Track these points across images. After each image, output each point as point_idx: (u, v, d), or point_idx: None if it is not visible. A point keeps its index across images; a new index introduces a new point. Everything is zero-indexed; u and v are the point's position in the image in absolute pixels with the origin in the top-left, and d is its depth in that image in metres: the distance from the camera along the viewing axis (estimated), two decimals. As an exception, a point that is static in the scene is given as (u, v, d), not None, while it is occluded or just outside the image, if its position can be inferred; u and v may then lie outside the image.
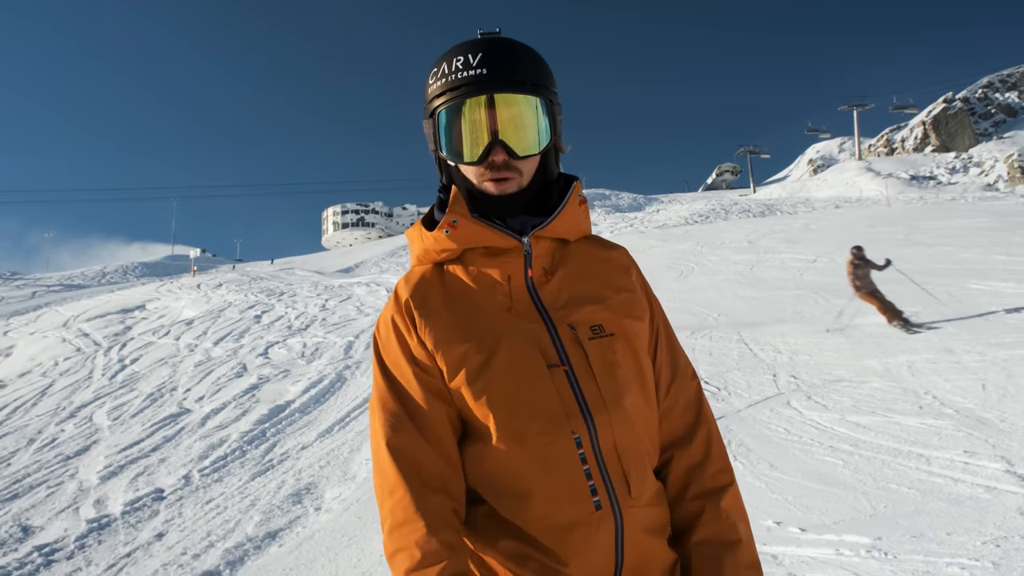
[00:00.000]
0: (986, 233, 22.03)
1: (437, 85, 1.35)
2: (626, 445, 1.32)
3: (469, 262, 1.40)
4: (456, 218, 1.36)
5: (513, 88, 1.31)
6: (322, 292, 22.75)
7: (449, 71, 1.33)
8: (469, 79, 1.30)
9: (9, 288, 39.03)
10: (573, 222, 1.43)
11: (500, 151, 1.32)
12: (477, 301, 1.37)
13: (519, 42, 1.38)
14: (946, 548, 3.99)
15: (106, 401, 10.36)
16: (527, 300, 1.36)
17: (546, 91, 1.36)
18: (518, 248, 1.37)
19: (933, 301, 12.10)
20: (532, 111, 1.34)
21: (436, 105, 1.35)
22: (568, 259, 1.43)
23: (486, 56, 1.31)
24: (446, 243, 1.38)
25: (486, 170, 1.35)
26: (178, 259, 65.61)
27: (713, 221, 43.81)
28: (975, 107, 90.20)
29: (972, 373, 7.85)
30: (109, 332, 17.13)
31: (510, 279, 1.37)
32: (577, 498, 1.28)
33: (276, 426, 8.39)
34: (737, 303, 14.85)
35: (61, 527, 5.82)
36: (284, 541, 5.26)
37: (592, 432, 1.29)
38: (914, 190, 61.56)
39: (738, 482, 1.50)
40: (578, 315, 1.36)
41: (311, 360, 12.35)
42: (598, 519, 1.28)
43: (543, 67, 1.38)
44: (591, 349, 1.34)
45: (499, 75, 1.30)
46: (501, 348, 1.32)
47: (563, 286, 1.39)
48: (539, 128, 1.35)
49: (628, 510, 1.30)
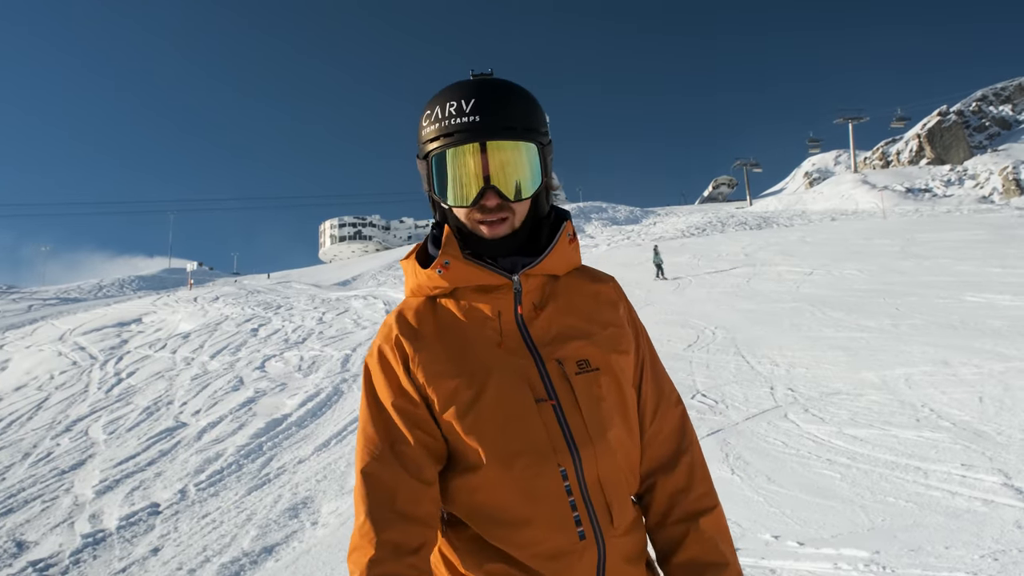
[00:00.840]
0: (981, 245, 22.13)
1: (431, 129, 1.39)
2: (609, 476, 1.37)
3: (461, 297, 1.44)
4: (448, 259, 1.40)
5: (504, 135, 1.35)
6: (319, 305, 22.74)
7: (442, 116, 1.37)
8: (462, 126, 1.35)
9: (5, 302, 38.93)
10: (563, 259, 1.48)
11: (492, 196, 1.36)
12: (468, 335, 1.41)
13: (511, 84, 1.42)
14: (944, 562, 3.98)
15: (102, 415, 10.32)
16: (516, 336, 1.40)
17: (536, 134, 1.40)
18: (508, 285, 1.41)
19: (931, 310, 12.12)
20: (523, 156, 1.38)
21: (430, 149, 1.40)
22: (557, 294, 1.48)
23: (478, 103, 1.35)
24: (439, 281, 1.42)
25: (478, 213, 1.39)
26: (175, 272, 65.52)
27: (710, 234, 43.93)
28: (969, 120, 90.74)
29: (969, 386, 7.86)
30: (105, 346, 17.08)
31: (500, 315, 1.41)
32: (562, 528, 1.32)
33: (273, 440, 8.36)
34: (734, 316, 14.87)
35: (56, 542, 5.79)
36: (280, 556, 5.24)
37: (578, 465, 1.34)
38: (909, 202, 61.83)
39: (736, 495, 1.54)
40: (565, 350, 1.41)
41: (308, 373, 12.32)
42: (582, 548, 1.33)
43: (534, 110, 1.42)
44: (577, 384, 1.38)
45: (490, 121, 1.34)
46: (491, 383, 1.36)
47: (551, 322, 1.43)
48: (530, 172, 1.39)
49: (610, 540, 1.35)
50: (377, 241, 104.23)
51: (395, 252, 60.43)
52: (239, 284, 37.04)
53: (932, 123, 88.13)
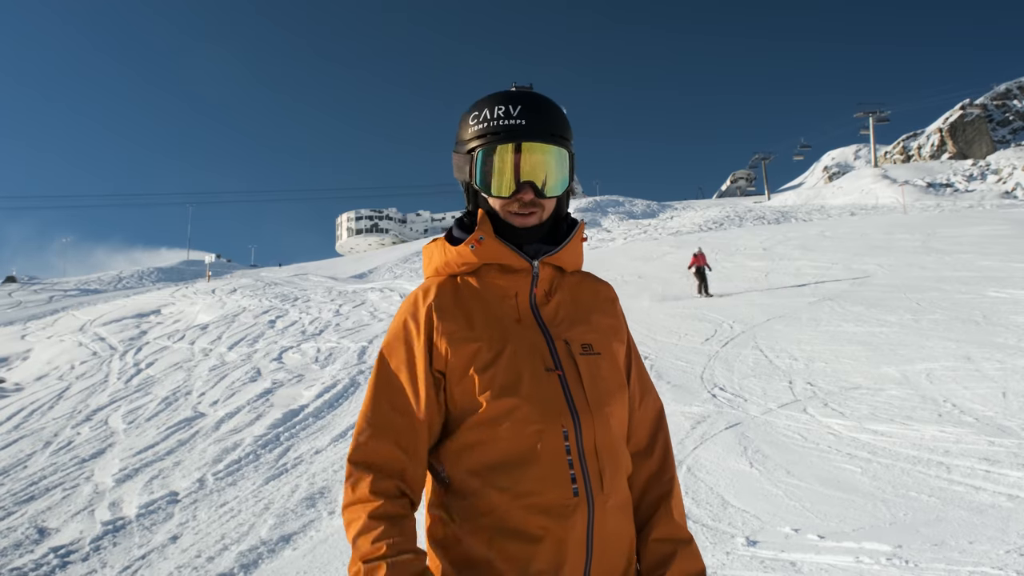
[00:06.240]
0: (1005, 240, 21.83)
1: (479, 127, 1.56)
2: (604, 445, 1.52)
3: (483, 275, 1.61)
4: (483, 236, 1.56)
5: (544, 139, 1.54)
6: (336, 297, 22.82)
7: (491, 117, 1.55)
8: (509, 127, 1.53)
9: (27, 292, 39.44)
10: (575, 255, 1.68)
11: (529, 190, 1.54)
12: (490, 308, 1.57)
13: (550, 99, 1.61)
14: (968, 557, 3.92)
15: (121, 405, 10.41)
16: (530, 314, 1.59)
17: (568, 143, 1.60)
18: (528, 269, 1.59)
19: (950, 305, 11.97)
20: (557, 159, 1.57)
21: (475, 144, 1.56)
22: (563, 287, 1.66)
23: (524, 109, 1.54)
24: (469, 257, 1.58)
25: (514, 205, 1.56)
26: (193, 264, 66.06)
27: (727, 228, 43.66)
28: (992, 114, 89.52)
29: (992, 381, 7.75)
30: (125, 336, 17.23)
31: (517, 295, 1.59)
32: (559, 484, 1.46)
33: (290, 430, 8.39)
34: (752, 310, 14.76)
35: (76, 529, 5.84)
36: (298, 545, 5.25)
37: (577, 430, 1.49)
38: (931, 197, 61.15)
39: (755, 489, 1.62)
40: (572, 333, 1.59)
41: (325, 365, 12.36)
42: (575, 504, 1.46)
43: (567, 122, 1.61)
44: (581, 363, 1.56)
45: (534, 126, 1.53)
46: (507, 348, 1.53)
47: (559, 308, 1.62)
48: (562, 173, 1.58)
49: (600, 503, 1.49)
50: (394, 234, 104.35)
51: (412, 245, 60.47)
52: (257, 276, 37.24)
53: (954, 117, 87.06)
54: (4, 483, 7.11)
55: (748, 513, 4.91)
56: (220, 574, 4.83)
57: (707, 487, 5.47)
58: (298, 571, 4.79)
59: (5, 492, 6.81)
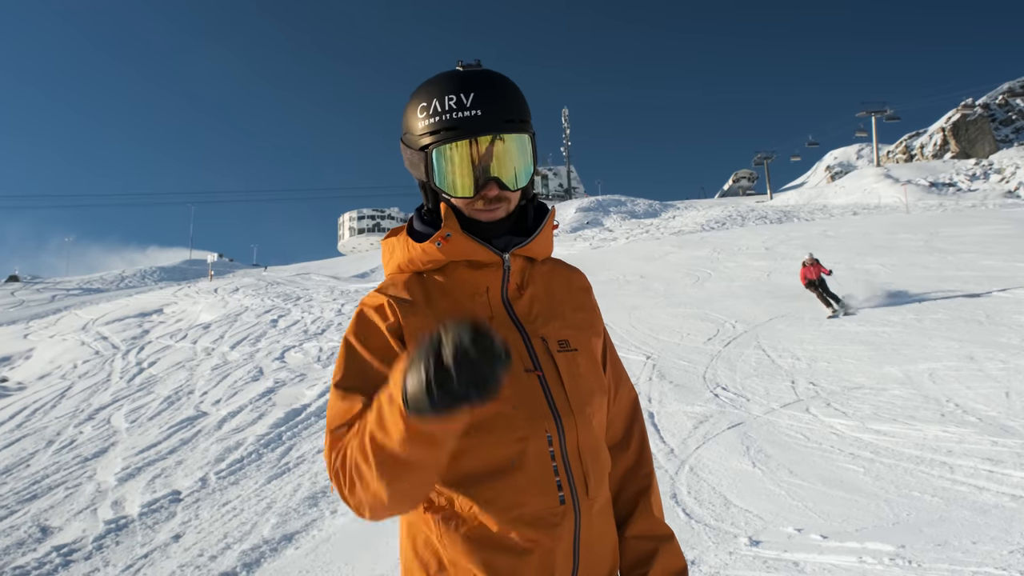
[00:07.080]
0: (1008, 240, 21.78)
1: (430, 122, 1.42)
2: (587, 447, 1.44)
3: (450, 271, 1.49)
4: (450, 232, 1.44)
5: (505, 128, 1.41)
6: (338, 297, 22.83)
7: (442, 109, 1.40)
8: (463, 120, 1.39)
9: (29, 292, 39.47)
10: (545, 244, 1.57)
11: (493, 186, 1.42)
12: (459, 306, 1.46)
13: (503, 76, 1.48)
14: (972, 557, 3.92)
15: (124, 404, 10.42)
16: (503, 311, 1.48)
17: (528, 125, 1.48)
18: (499, 263, 1.48)
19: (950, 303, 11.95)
20: (519, 148, 1.45)
21: (428, 141, 1.43)
22: (535, 278, 1.56)
23: (477, 97, 1.39)
24: (436, 255, 1.46)
25: (479, 202, 1.44)
26: (196, 263, 66.13)
27: (730, 227, 43.61)
28: (995, 113, 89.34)
29: (995, 381, 7.74)
30: (127, 335, 17.25)
31: (488, 290, 1.48)
32: (545, 492, 1.38)
33: (292, 429, 8.40)
34: (755, 309, 14.75)
35: (79, 528, 5.85)
36: (300, 544, 5.26)
37: (561, 434, 1.40)
38: (933, 197, 61.03)
39: (758, 488, 1.55)
40: (547, 329, 1.49)
41: (327, 364, 12.37)
42: (562, 513, 1.39)
43: (524, 102, 1.49)
44: (560, 360, 1.46)
45: (491, 115, 1.40)
46: None
47: (533, 302, 1.52)
48: (527, 162, 1.47)
49: (585, 509, 1.42)
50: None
51: (413, 245, 60.18)
52: (260, 276, 37.25)
53: (956, 117, 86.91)
54: (7, 482, 7.13)
55: (751, 513, 4.91)
56: (223, 573, 4.83)
57: (709, 487, 5.47)
58: (300, 570, 4.80)
59: (8, 491, 6.83)
